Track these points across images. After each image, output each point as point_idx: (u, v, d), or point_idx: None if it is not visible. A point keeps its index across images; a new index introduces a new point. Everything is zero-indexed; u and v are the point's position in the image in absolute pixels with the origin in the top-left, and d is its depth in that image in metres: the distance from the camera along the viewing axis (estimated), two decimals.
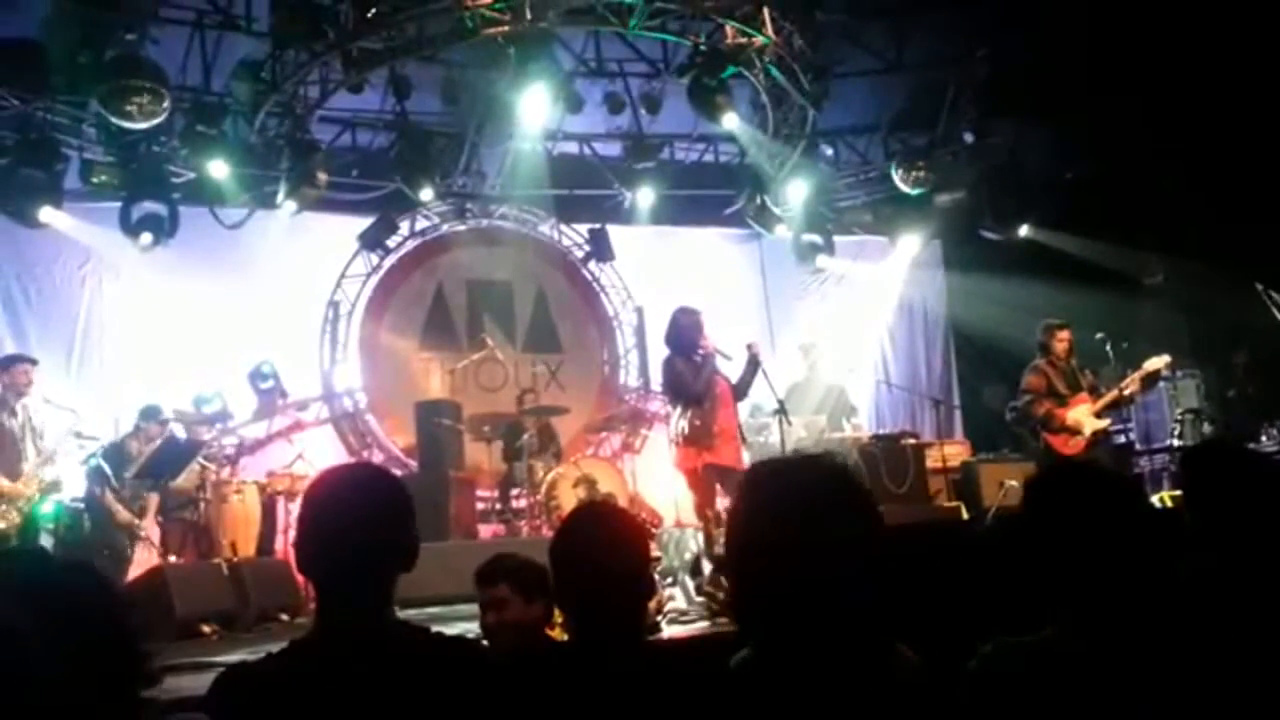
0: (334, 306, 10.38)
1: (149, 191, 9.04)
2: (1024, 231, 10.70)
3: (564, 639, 2.67)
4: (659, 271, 11.08)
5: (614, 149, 11.12)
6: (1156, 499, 7.72)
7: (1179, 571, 2.15)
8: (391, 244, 10.64)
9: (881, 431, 9.92)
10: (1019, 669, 1.76)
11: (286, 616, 6.98)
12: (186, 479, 7.86)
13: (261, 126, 9.24)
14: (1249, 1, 8.32)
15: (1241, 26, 8.36)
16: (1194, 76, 8.83)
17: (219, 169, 8.92)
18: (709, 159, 11.49)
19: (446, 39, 8.09)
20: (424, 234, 10.89)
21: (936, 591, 3.62)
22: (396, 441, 10.18)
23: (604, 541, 2.16)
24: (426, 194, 10.06)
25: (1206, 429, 9.24)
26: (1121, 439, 9.12)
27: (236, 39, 9.05)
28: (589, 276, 11.40)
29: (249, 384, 9.15)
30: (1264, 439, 8.42)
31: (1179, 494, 4.71)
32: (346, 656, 1.84)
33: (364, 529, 1.90)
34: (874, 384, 11.40)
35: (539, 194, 10.89)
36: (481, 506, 9.43)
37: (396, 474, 2.30)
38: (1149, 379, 7.56)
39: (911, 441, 9.07)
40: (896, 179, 10.33)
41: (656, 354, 8.75)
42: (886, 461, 8.53)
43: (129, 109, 7.97)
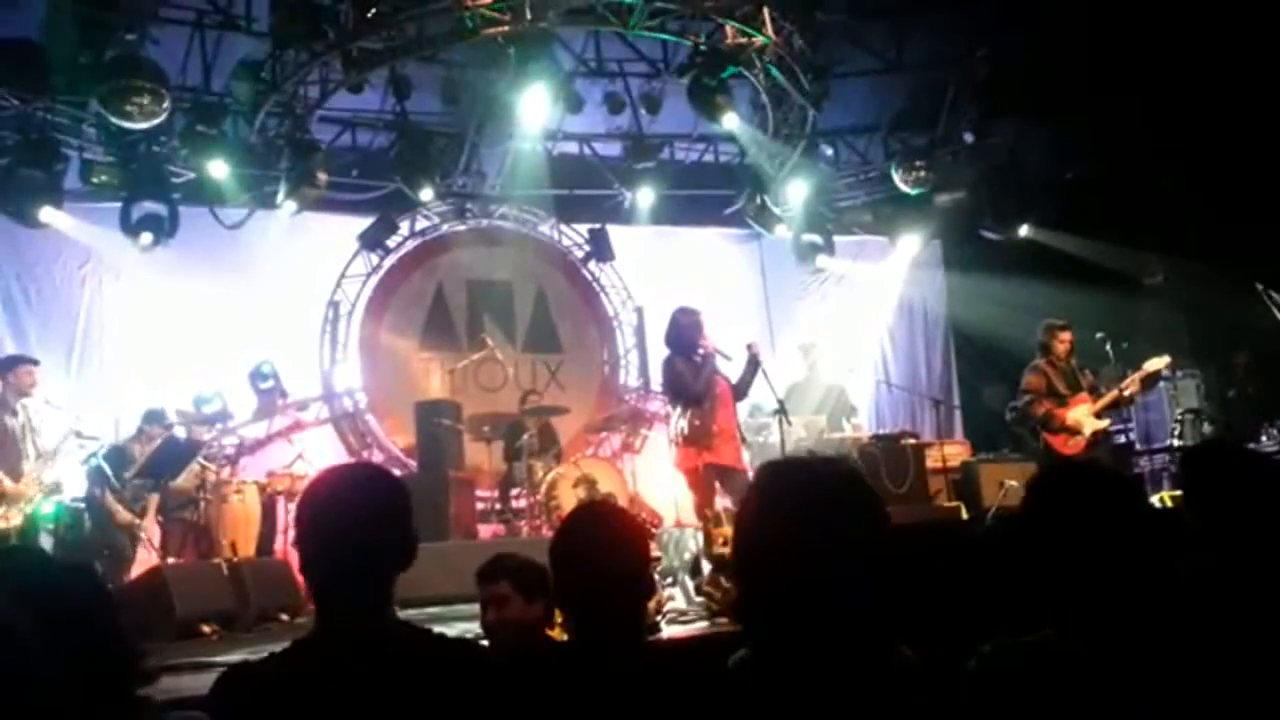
0: (334, 306, 10.38)
1: (149, 191, 9.04)
2: (1024, 231, 10.70)
3: (564, 639, 2.67)
4: (659, 271, 11.08)
5: (614, 149, 11.12)
6: (1156, 499, 7.72)
7: (1179, 571, 2.15)
8: (391, 244, 10.64)
9: (881, 431, 9.92)
10: (1019, 669, 1.76)
11: (286, 616, 6.98)
12: (186, 479, 7.85)
13: (261, 126, 9.24)
14: (1249, 1, 8.32)
15: (1241, 26, 8.36)
16: (1194, 76, 8.83)
17: (219, 169, 8.92)
18: (709, 159, 11.49)
19: (446, 39, 8.09)
20: (424, 234, 10.89)
21: (936, 591, 3.62)
22: (396, 441, 10.18)
23: (604, 541, 2.16)
24: (426, 194, 10.06)
25: (1206, 429, 9.24)
26: (1121, 439, 9.13)
27: (236, 39, 9.05)
28: (589, 276, 11.40)
29: (249, 384, 9.15)
30: (1264, 439, 8.43)
31: (1179, 494, 4.72)
32: (348, 657, 1.85)
33: (363, 529, 1.90)
34: (874, 384, 11.39)
35: (539, 194, 10.89)
36: (481, 506, 9.43)
37: (394, 473, 2.29)
38: (1149, 379, 7.56)
39: (911, 441, 9.06)
40: (896, 179, 10.33)
41: (656, 354, 8.75)
42: (886, 461, 8.53)
43: (129, 109, 7.97)
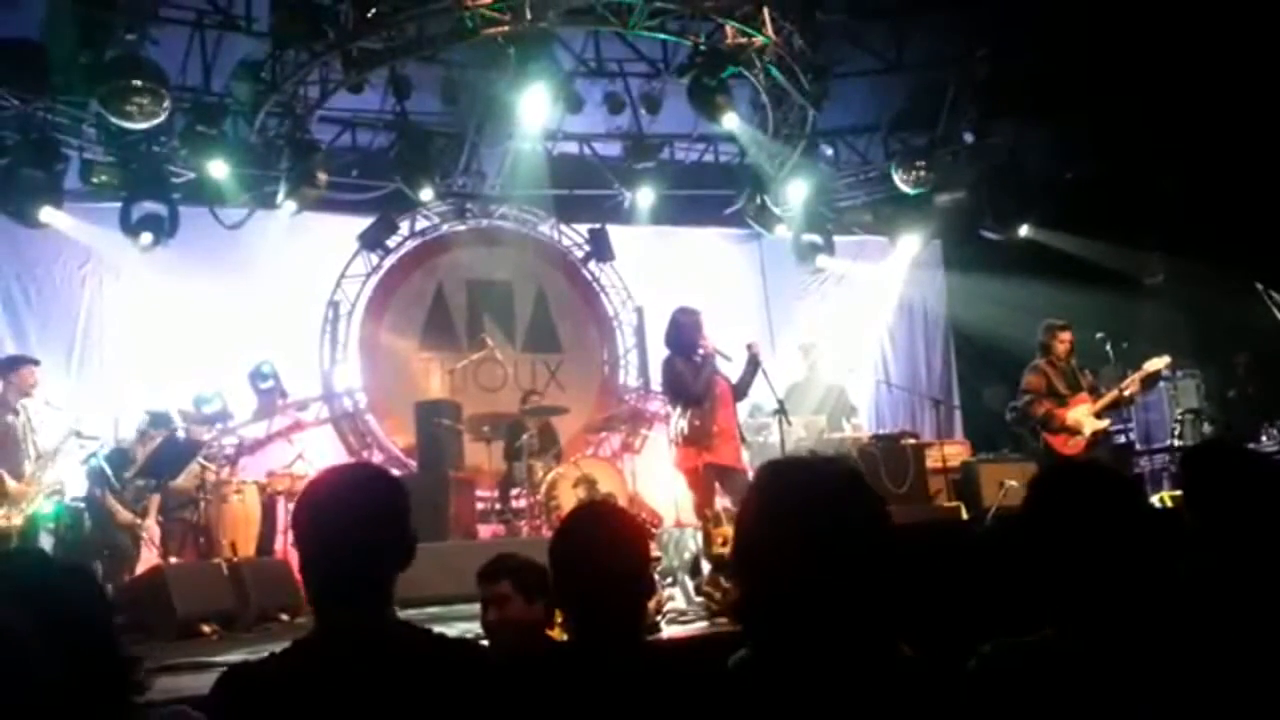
0: (334, 306, 10.38)
1: (149, 191, 9.04)
2: (1024, 231, 10.70)
3: (564, 639, 2.67)
4: (659, 271, 11.08)
5: (614, 149, 11.11)
6: (1156, 499, 7.73)
7: (1179, 571, 2.15)
8: (391, 244, 10.64)
9: (881, 431, 9.92)
10: (1019, 669, 1.76)
11: (286, 616, 6.97)
12: (186, 479, 7.85)
13: (261, 126, 9.24)
14: (1249, 1, 8.32)
15: (1241, 26, 8.36)
16: (1194, 76, 8.83)
17: (219, 169, 8.92)
18: (709, 159, 11.49)
19: (446, 39, 8.09)
20: (424, 234, 10.89)
21: (936, 591, 3.62)
22: (396, 441, 10.18)
23: (604, 541, 2.16)
24: (426, 194, 10.06)
25: (1206, 429, 9.24)
26: (1121, 439, 9.13)
27: (236, 39, 9.04)
28: (589, 276, 11.40)
29: (249, 384, 9.15)
30: (1264, 439, 8.43)
31: (1179, 494, 4.72)
32: (348, 657, 1.84)
33: (362, 529, 1.89)
34: (874, 384, 11.40)
35: (539, 194, 10.89)
36: (481, 506, 9.43)
37: (393, 473, 2.29)
38: (1149, 379, 7.56)
39: (911, 441, 9.07)
40: (896, 179, 10.32)
41: (656, 354, 8.75)
42: (886, 461, 8.53)
43: (129, 109, 7.96)
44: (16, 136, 8.55)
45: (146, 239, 9.00)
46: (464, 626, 4.70)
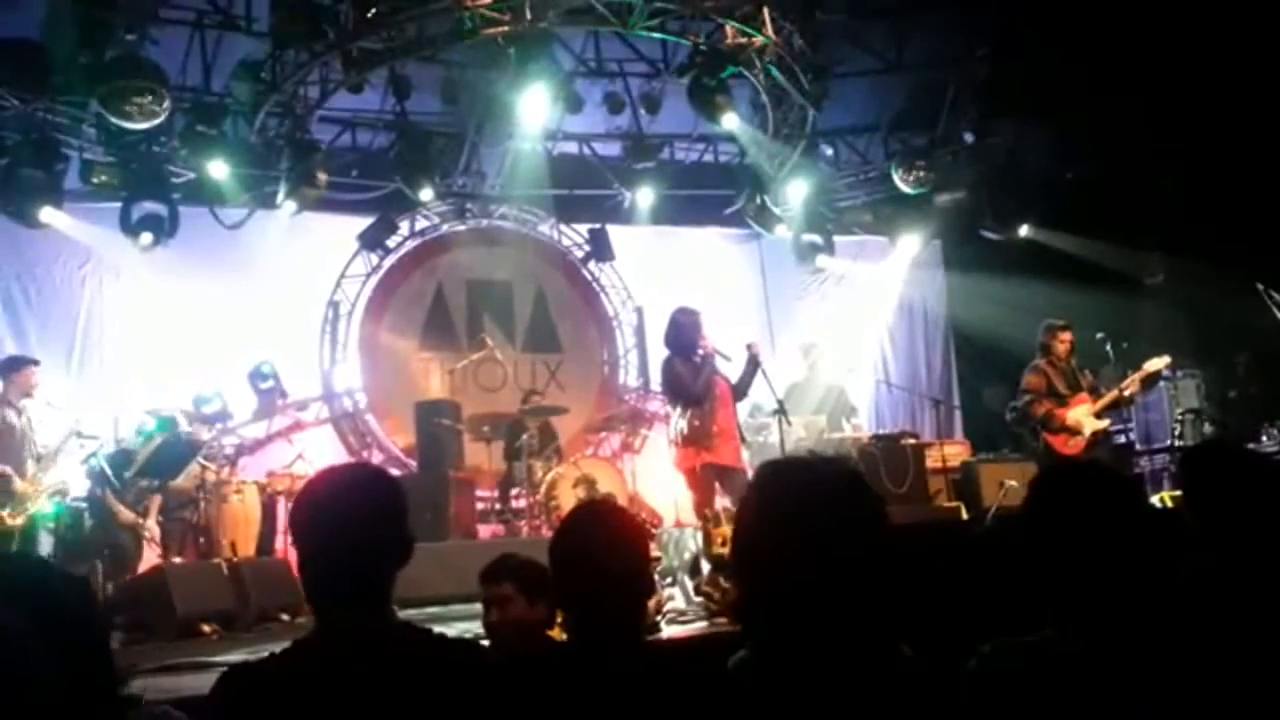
0: (334, 306, 10.38)
1: (149, 191, 9.04)
2: (1024, 231, 10.71)
3: (563, 639, 2.66)
4: (659, 271, 11.08)
5: (614, 149, 11.12)
6: (1156, 499, 7.72)
7: (1179, 571, 2.15)
8: (391, 244, 10.64)
9: (881, 431, 9.92)
10: (1019, 669, 1.76)
11: (286, 616, 6.97)
12: (186, 479, 7.84)
13: (261, 126, 9.24)
14: (1249, 1, 8.32)
15: (1241, 26, 8.36)
16: (1194, 76, 8.82)
17: (219, 169, 8.92)
18: (709, 159, 11.49)
19: (446, 39, 8.09)
20: (424, 234, 10.89)
21: (936, 591, 3.62)
22: (396, 441, 10.18)
23: (604, 540, 2.16)
24: (426, 194, 10.06)
25: (1206, 429, 9.24)
26: (1121, 439, 9.12)
27: (236, 39, 9.04)
28: (589, 276, 11.40)
29: (249, 384, 9.14)
30: (1264, 439, 8.43)
31: (1179, 494, 4.72)
32: (348, 657, 1.84)
33: (360, 528, 1.89)
34: (874, 384, 11.40)
35: (539, 194, 10.89)
36: (481, 506, 9.42)
37: (389, 472, 2.30)
38: (1149, 379, 7.55)
39: (911, 441, 9.06)
40: (896, 179, 10.32)
41: (656, 354, 8.75)
42: (886, 461, 8.53)
43: (129, 109, 7.96)
44: (16, 136, 8.55)
45: (146, 239, 9.00)
46: (464, 626, 4.70)
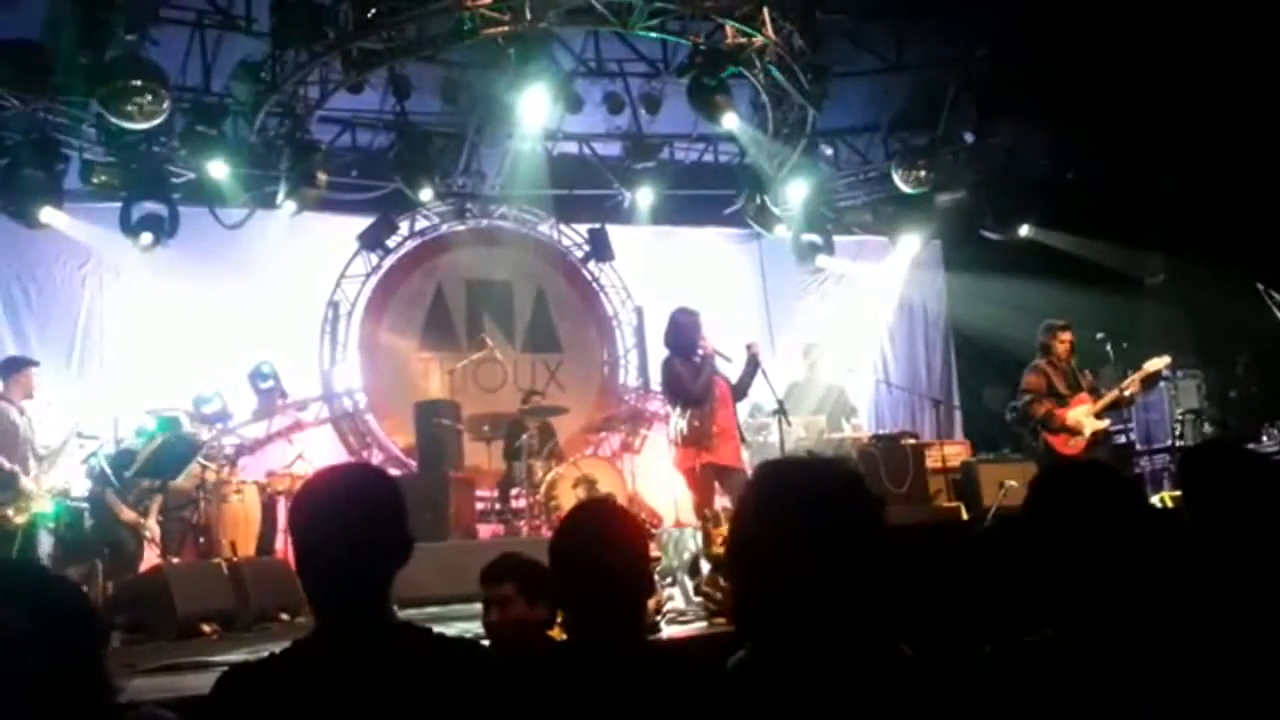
0: (334, 306, 10.38)
1: (149, 191, 9.03)
2: (1024, 231, 10.71)
3: (564, 639, 2.66)
4: (659, 271, 11.08)
5: (614, 149, 11.12)
6: (1156, 499, 7.72)
7: (1179, 571, 2.15)
8: (391, 244, 10.64)
9: (881, 431, 9.92)
10: (1019, 670, 1.76)
11: (286, 616, 6.97)
12: (186, 479, 7.85)
13: (261, 126, 9.23)
14: (1249, 1, 8.32)
15: (1241, 26, 8.36)
16: (1194, 77, 8.82)
17: (219, 169, 8.91)
18: (709, 159, 11.49)
19: (446, 39, 8.08)
20: (424, 234, 10.89)
21: (936, 592, 3.62)
22: (396, 441, 10.18)
23: (604, 539, 2.16)
24: (426, 194, 10.06)
25: (1206, 429, 9.24)
26: (1121, 439, 9.11)
27: (236, 39, 9.04)
28: (589, 276, 11.39)
29: (249, 384, 9.14)
30: (1264, 439, 8.42)
31: (1179, 494, 4.72)
32: (348, 657, 1.84)
33: (358, 528, 1.89)
34: (874, 384, 11.39)
35: (539, 194, 10.88)
36: (481, 506, 9.42)
37: (387, 471, 2.30)
38: (1149, 379, 7.55)
39: (911, 441, 9.06)
40: (896, 179, 10.32)
41: (656, 354, 8.75)
42: (886, 461, 8.53)
43: (129, 109, 7.96)
44: (16, 136, 8.55)
45: (146, 239, 8.99)
46: (463, 626, 4.70)
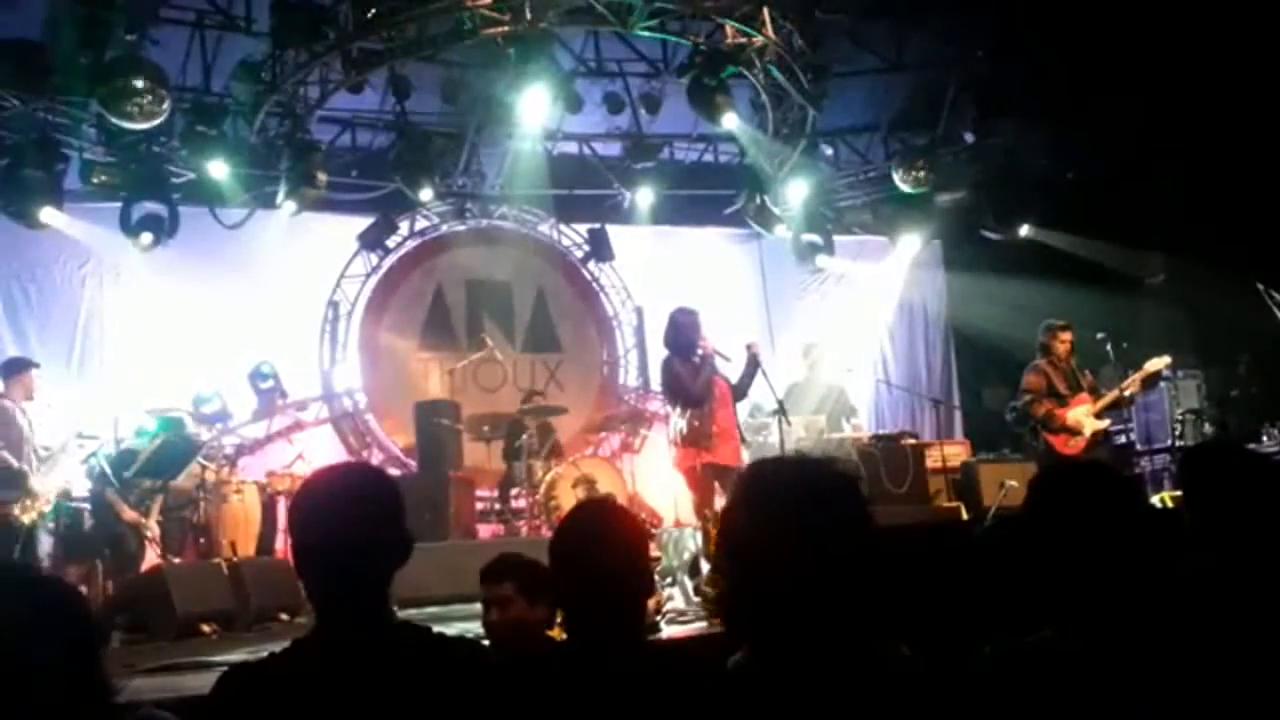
0: (334, 306, 10.38)
1: (149, 191, 9.03)
2: (1024, 231, 10.71)
3: (564, 639, 2.66)
4: (659, 271, 11.08)
5: (614, 149, 11.12)
6: (1156, 499, 7.72)
7: (1179, 571, 2.15)
8: (391, 244, 10.65)
9: (881, 431, 9.92)
10: (1019, 670, 1.76)
11: (286, 616, 6.98)
12: (186, 478, 7.85)
13: (261, 126, 9.22)
14: (1249, 2, 8.32)
15: (1241, 27, 8.36)
16: (1194, 76, 8.82)
17: (219, 169, 8.91)
18: (709, 159, 11.49)
19: (446, 39, 8.08)
20: (424, 234, 10.89)
21: (936, 592, 3.62)
22: (396, 441, 10.18)
23: (604, 539, 2.16)
24: (426, 194, 10.06)
25: (1206, 429, 9.23)
26: (1122, 439, 9.12)
27: (236, 39, 9.03)
28: (589, 276, 11.40)
29: (249, 384, 9.14)
30: (1264, 439, 8.42)
31: (1179, 494, 4.72)
32: (347, 656, 1.84)
33: (357, 527, 1.89)
34: (874, 384, 11.39)
35: (539, 194, 10.88)
36: (481, 506, 9.42)
37: (385, 471, 2.30)
38: (1149, 379, 7.55)
39: (911, 441, 9.07)
40: (896, 179, 10.32)
41: (656, 354, 8.75)
42: (886, 461, 8.53)
43: (129, 109, 7.95)
44: (16, 136, 8.55)
45: (146, 239, 8.99)
46: (463, 626, 4.70)
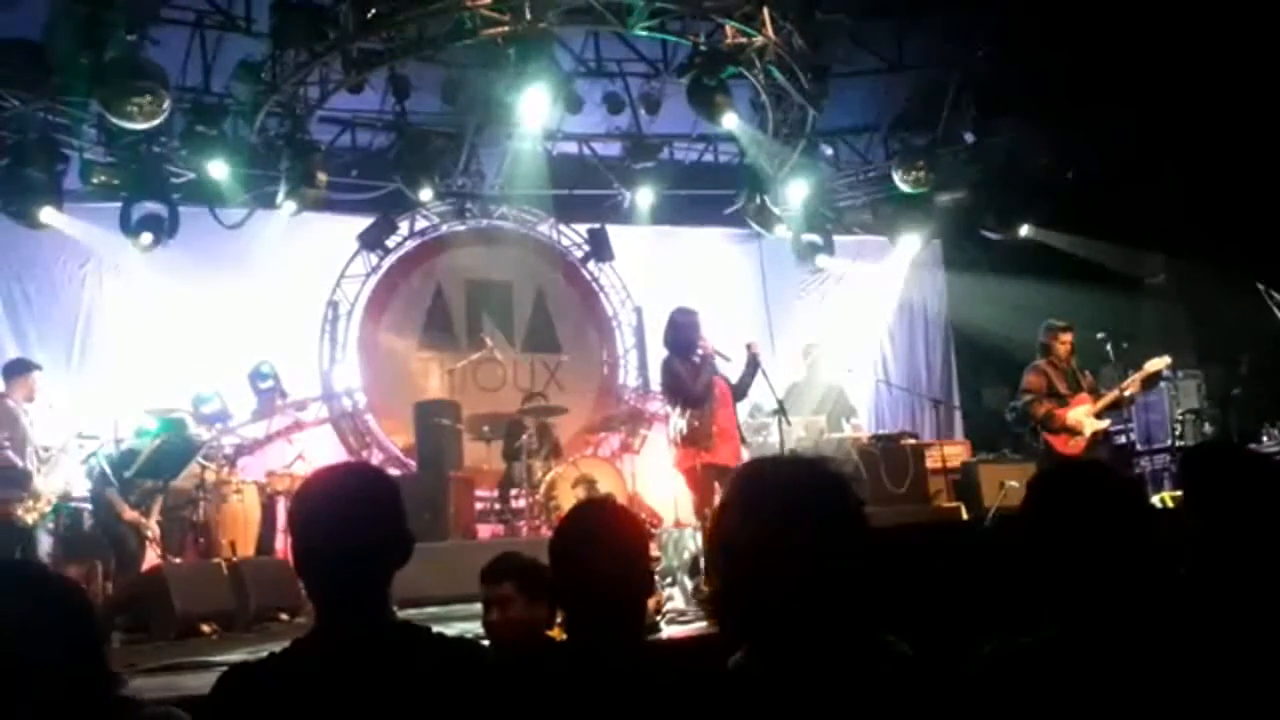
0: (333, 306, 10.39)
1: (149, 191, 9.04)
2: (1024, 231, 10.71)
3: (564, 639, 2.66)
4: (659, 271, 11.08)
5: (614, 149, 11.12)
6: (1156, 499, 7.72)
7: (1179, 572, 2.15)
8: (391, 244, 10.65)
9: (881, 431, 9.93)
10: (1019, 670, 1.75)
11: (286, 616, 6.98)
12: (185, 478, 7.85)
13: (261, 127, 9.22)
14: (1249, 2, 8.32)
15: (1241, 27, 8.36)
16: (1194, 77, 8.82)
17: (219, 169, 8.92)
18: (709, 159, 11.49)
19: (446, 39, 8.08)
20: (423, 234, 10.89)
21: (936, 592, 3.62)
22: (396, 441, 10.18)
23: (603, 539, 2.15)
24: (426, 194, 10.07)
25: (1207, 429, 9.23)
26: (1122, 439, 9.12)
27: (236, 39, 9.03)
28: (588, 276, 11.40)
29: (249, 384, 9.15)
30: (1264, 439, 8.42)
31: (1179, 494, 4.72)
32: (348, 656, 1.84)
33: (357, 527, 1.89)
34: (874, 384, 11.39)
35: (538, 194, 10.89)
36: (481, 506, 9.42)
37: (385, 471, 2.30)
38: (1149, 379, 7.55)
39: (911, 441, 9.07)
40: (896, 179, 10.32)
41: (656, 354, 8.74)
42: (886, 461, 8.53)
43: (129, 109, 7.95)
44: (16, 136, 8.55)
45: (146, 239, 9.00)
46: (463, 626, 4.70)
